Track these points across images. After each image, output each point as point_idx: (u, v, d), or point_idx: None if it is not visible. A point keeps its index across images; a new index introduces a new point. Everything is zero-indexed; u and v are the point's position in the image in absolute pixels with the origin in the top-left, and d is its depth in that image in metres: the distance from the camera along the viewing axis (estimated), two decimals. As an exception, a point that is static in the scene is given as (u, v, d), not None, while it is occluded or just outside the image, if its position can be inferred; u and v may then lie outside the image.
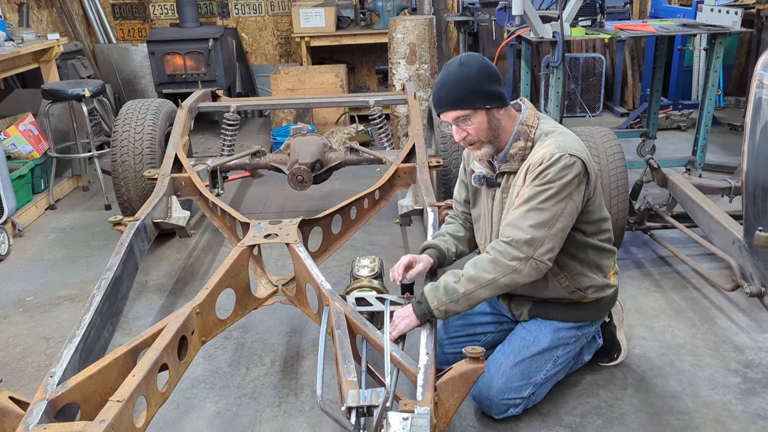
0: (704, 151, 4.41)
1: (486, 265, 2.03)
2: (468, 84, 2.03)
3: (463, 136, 2.11)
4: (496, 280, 2.01)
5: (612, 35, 4.05)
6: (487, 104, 2.05)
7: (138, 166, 3.69)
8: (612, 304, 2.37)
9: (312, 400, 2.42)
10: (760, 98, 2.28)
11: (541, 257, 2.00)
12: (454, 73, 2.05)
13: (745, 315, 2.89)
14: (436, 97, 2.10)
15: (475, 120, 2.06)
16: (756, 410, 2.29)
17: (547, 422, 2.27)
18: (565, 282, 2.21)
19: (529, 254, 2.00)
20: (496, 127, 2.10)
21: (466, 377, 1.81)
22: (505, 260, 2.01)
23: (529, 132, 2.12)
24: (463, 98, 2.04)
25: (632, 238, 3.65)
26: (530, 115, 2.15)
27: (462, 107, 2.05)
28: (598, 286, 2.25)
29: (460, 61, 2.06)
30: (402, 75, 5.36)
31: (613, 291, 2.32)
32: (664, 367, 2.55)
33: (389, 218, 4.06)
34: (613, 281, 2.32)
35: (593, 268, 2.23)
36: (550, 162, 2.00)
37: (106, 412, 1.70)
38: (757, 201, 2.35)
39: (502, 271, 2.01)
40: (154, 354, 1.96)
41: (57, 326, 3.03)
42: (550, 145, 2.04)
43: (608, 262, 2.29)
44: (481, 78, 2.04)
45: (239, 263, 2.49)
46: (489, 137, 2.11)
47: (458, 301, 2.03)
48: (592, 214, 2.17)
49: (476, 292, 2.03)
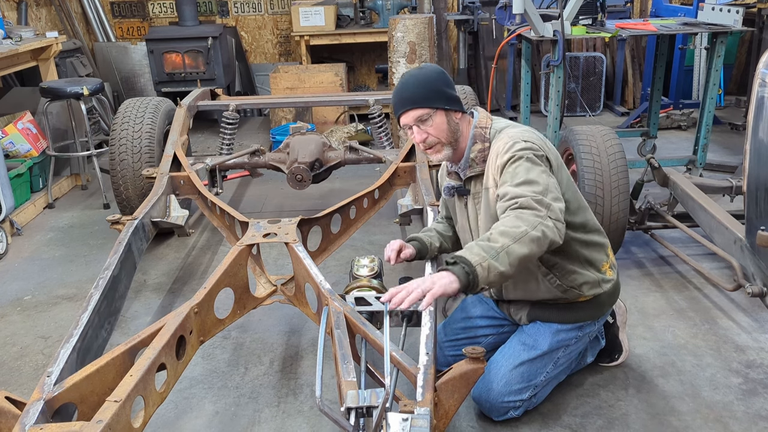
0: (705, 150, 4.39)
1: (512, 221, 1.89)
2: (428, 85, 2.12)
3: (423, 138, 2.15)
4: (527, 232, 1.84)
5: (613, 34, 4.03)
6: (446, 105, 2.13)
7: (136, 164, 3.67)
8: (613, 299, 2.32)
9: (311, 401, 2.41)
10: (763, 97, 2.27)
11: (555, 213, 1.91)
12: (414, 76, 2.15)
13: (747, 315, 2.88)
14: (397, 98, 2.16)
15: (435, 120, 2.12)
16: (758, 411, 2.28)
17: (547, 423, 2.25)
18: (557, 281, 2.19)
19: (544, 209, 1.90)
20: (455, 130, 2.16)
21: (466, 378, 1.80)
22: (527, 214, 1.89)
23: (485, 133, 2.17)
24: (423, 97, 2.11)
25: (633, 237, 3.63)
26: (483, 117, 2.21)
27: (423, 105, 2.11)
28: (593, 282, 2.21)
29: (419, 67, 2.19)
30: (402, 74, 5.34)
31: (611, 285, 2.27)
32: (665, 367, 2.54)
33: (389, 218, 4.04)
34: (609, 275, 2.27)
35: (584, 264, 2.20)
36: (506, 148, 2.05)
37: (103, 412, 1.69)
38: (760, 200, 2.33)
39: (531, 222, 1.86)
40: (152, 354, 1.94)
41: (55, 325, 3.01)
42: (503, 137, 2.11)
43: (599, 255, 2.25)
44: (440, 81, 2.14)
45: (238, 262, 2.48)
46: (449, 138, 2.16)
47: (498, 256, 1.81)
48: (568, 203, 2.11)
49: (512, 247, 1.82)
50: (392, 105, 2.21)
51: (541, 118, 6.24)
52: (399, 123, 2.20)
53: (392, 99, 2.20)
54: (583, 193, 3.11)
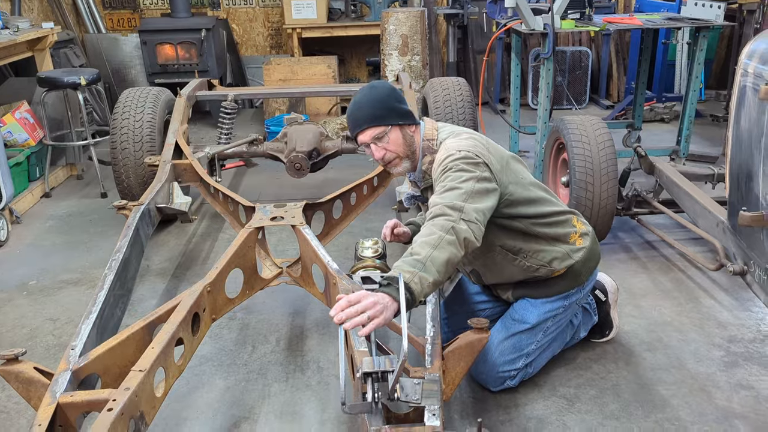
0: (688, 141, 4.56)
1: (427, 230, 1.96)
2: (381, 103, 2.21)
3: (381, 155, 2.25)
4: (442, 237, 1.90)
5: (601, 28, 4.17)
6: (400, 120, 2.23)
7: (138, 153, 3.75)
8: (589, 265, 2.38)
9: (318, 376, 2.52)
10: (745, 86, 2.41)
11: (469, 215, 1.97)
12: (367, 95, 2.24)
13: (728, 295, 3.03)
14: (353, 118, 2.26)
15: (391, 136, 2.23)
16: (739, 381, 2.43)
17: (543, 393, 2.39)
18: (525, 263, 2.29)
19: (456, 213, 1.96)
20: (411, 142, 2.26)
21: (471, 346, 1.92)
22: (440, 221, 1.96)
23: (432, 145, 2.27)
24: (378, 115, 2.21)
25: (620, 223, 3.78)
26: (428, 129, 2.29)
27: (378, 123, 2.21)
28: (562, 255, 2.30)
29: (370, 86, 2.28)
30: (394, 66, 5.44)
31: (582, 254, 2.34)
32: (652, 342, 2.68)
33: (385, 206, 4.15)
34: (580, 244, 2.35)
35: (551, 241, 2.30)
36: (441, 160, 2.14)
37: (129, 381, 1.78)
38: (741, 184, 2.48)
39: (443, 227, 1.93)
40: (171, 328, 2.04)
41: (63, 309, 3.08)
42: (442, 150, 2.19)
43: (566, 230, 2.33)
44: (392, 98, 2.24)
45: (247, 245, 2.58)
46: (406, 152, 2.26)
47: (425, 267, 1.84)
48: (517, 198, 2.21)
49: (434, 255, 1.87)
50: (348, 125, 2.31)
51: (528, 111, 6.39)
52: (356, 141, 2.30)
53: (347, 119, 2.30)
54: (574, 180, 3.25)
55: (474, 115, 3.93)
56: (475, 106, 4.01)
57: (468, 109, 3.87)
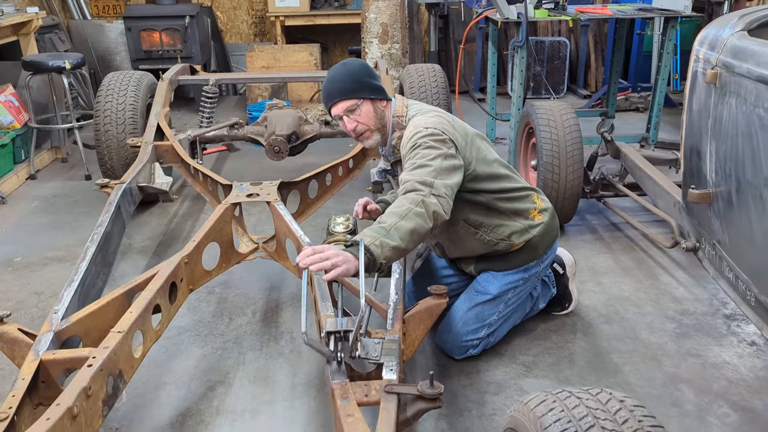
0: (657, 128, 4.71)
1: (398, 202, 2.09)
2: (354, 77, 2.34)
3: (353, 126, 2.39)
4: (411, 209, 2.01)
5: (573, 17, 4.31)
6: (371, 95, 2.36)
7: (121, 135, 3.84)
8: (546, 239, 2.50)
9: (291, 344, 2.64)
10: (696, 71, 2.54)
11: (439, 190, 2.08)
12: (340, 71, 2.37)
13: (685, 272, 3.19)
14: (326, 92, 2.39)
15: (363, 109, 2.37)
16: (688, 350, 2.58)
17: (503, 361, 2.53)
18: (486, 237, 2.43)
19: (427, 188, 2.08)
20: (381, 116, 2.41)
21: (430, 311, 2.06)
22: (411, 195, 2.08)
23: (401, 121, 2.41)
24: (350, 89, 2.35)
25: (588, 206, 3.93)
26: (399, 105, 2.43)
27: (350, 96, 2.34)
28: (520, 230, 2.43)
29: (343, 63, 2.41)
30: (375, 54, 5.55)
31: (540, 228, 2.46)
32: (609, 315, 2.83)
33: (359, 189, 4.27)
34: (538, 219, 2.47)
35: (511, 216, 2.43)
36: (410, 136, 2.26)
37: (108, 341, 1.90)
38: (693, 164, 2.62)
39: (414, 200, 2.04)
40: (148, 295, 2.16)
41: (47, 283, 3.19)
42: (410, 126, 2.33)
43: (526, 205, 2.45)
44: (363, 73, 2.36)
45: (224, 219, 2.69)
46: (377, 125, 2.40)
47: (389, 234, 1.96)
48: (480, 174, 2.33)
49: (399, 224, 1.98)
50: (322, 99, 2.44)
51: (507, 99, 6.50)
52: (330, 114, 2.44)
53: (322, 94, 2.43)
54: (541, 163, 3.39)
55: (448, 100, 4.04)
56: (450, 92, 4.13)
57: (442, 95, 3.99)
